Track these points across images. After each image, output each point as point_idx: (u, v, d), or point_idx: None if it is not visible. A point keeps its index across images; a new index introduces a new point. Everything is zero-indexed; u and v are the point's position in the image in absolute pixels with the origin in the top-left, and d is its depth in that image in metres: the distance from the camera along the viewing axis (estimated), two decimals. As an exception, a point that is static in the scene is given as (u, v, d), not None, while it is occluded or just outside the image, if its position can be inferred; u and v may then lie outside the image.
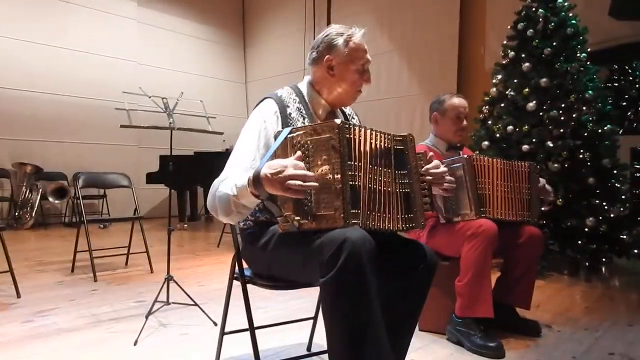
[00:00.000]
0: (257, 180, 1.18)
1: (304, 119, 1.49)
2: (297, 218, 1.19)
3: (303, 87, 1.58)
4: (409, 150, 1.35)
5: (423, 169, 1.40)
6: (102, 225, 6.28)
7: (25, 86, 6.49)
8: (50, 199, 6.08)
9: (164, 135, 2.69)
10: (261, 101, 1.53)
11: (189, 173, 6.02)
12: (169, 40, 8.22)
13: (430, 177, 1.40)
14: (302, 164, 1.17)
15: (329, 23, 7.19)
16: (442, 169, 1.44)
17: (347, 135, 1.19)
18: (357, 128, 1.23)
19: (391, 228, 1.28)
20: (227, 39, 9.12)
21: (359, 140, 1.23)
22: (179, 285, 2.48)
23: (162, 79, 7.76)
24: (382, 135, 1.30)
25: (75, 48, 6.98)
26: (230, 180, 1.29)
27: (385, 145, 1.30)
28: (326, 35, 1.53)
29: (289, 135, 1.24)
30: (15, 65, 6.41)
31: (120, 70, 7.39)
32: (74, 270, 3.49)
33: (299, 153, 1.20)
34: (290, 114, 1.47)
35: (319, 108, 1.55)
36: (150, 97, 2.53)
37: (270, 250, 1.40)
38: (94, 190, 6.45)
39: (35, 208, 6.09)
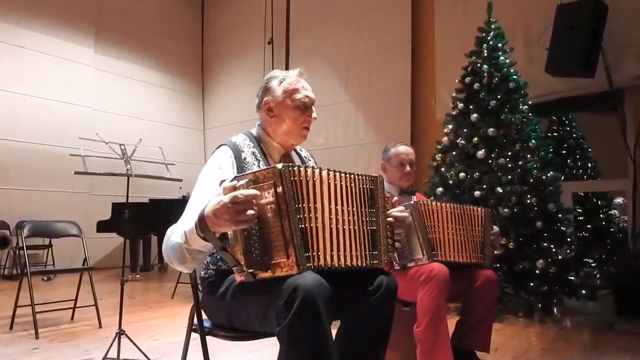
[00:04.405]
0: (202, 222, 1.17)
1: (259, 162, 1.51)
2: (251, 270, 1.16)
3: (254, 132, 1.62)
4: (379, 190, 1.40)
5: (389, 212, 1.45)
6: (46, 277, 5.88)
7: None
8: (-11, 250, 5.68)
9: (116, 182, 2.62)
10: (217, 148, 1.55)
11: (143, 221, 5.81)
12: (127, 87, 8.13)
13: (393, 220, 1.44)
14: (242, 193, 1.12)
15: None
16: (405, 214, 1.49)
17: (292, 179, 1.18)
18: (306, 169, 1.23)
19: (355, 264, 1.29)
20: (185, 87, 9.15)
21: (312, 182, 1.23)
22: (131, 340, 2.34)
23: (119, 125, 7.60)
24: (349, 176, 1.33)
25: (28, 93, 6.76)
26: (180, 229, 1.28)
27: (353, 184, 1.33)
28: (264, 81, 1.60)
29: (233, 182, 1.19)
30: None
31: (75, 116, 7.19)
32: (12, 327, 3.22)
33: (241, 182, 1.16)
34: (245, 158, 1.49)
35: (273, 151, 1.58)
36: (107, 143, 2.48)
37: (228, 299, 1.36)
38: (39, 239, 6.06)
39: (-28, 260, 5.66)
